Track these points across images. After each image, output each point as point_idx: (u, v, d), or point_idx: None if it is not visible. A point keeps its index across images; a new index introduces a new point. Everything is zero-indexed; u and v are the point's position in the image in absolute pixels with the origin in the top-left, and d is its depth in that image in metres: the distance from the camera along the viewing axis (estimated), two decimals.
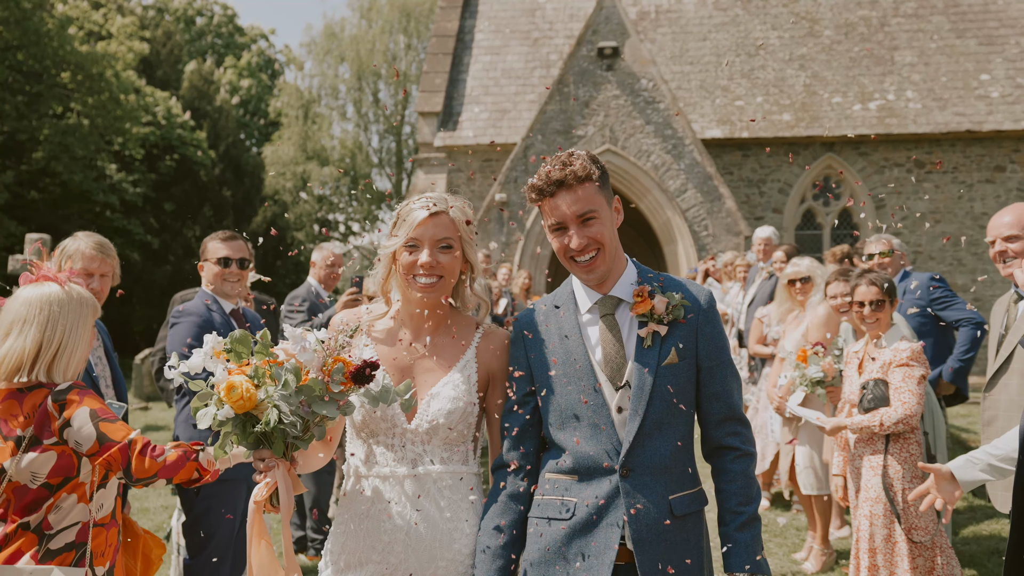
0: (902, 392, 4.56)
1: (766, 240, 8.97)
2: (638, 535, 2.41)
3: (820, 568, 6.06)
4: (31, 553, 2.85)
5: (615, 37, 15.42)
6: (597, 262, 2.53)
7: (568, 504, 2.48)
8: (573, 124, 15.46)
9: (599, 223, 2.51)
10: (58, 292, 3.00)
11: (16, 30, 19.56)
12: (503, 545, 2.50)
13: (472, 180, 17.39)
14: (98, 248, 3.89)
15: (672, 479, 2.48)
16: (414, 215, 2.57)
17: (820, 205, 17.50)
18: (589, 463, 2.48)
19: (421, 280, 2.56)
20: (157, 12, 36.09)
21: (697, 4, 19.10)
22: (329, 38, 35.81)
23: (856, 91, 17.36)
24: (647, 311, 2.51)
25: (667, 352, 2.49)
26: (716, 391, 2.54)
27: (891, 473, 4.55)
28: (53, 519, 2.89)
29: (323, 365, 2.38)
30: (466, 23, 19.22)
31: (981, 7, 18.34)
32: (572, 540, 2.46)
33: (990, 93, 17.03)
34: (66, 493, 2.92)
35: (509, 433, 2.59)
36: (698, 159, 15.23)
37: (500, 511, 2.53)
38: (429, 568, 2.51)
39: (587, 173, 2.51)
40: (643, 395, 2.46)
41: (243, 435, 2.41)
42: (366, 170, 36.03)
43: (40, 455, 2.84)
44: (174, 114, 25.30)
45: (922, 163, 17.01)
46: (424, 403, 2.57)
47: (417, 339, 2.65)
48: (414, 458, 2.55)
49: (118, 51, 22.69)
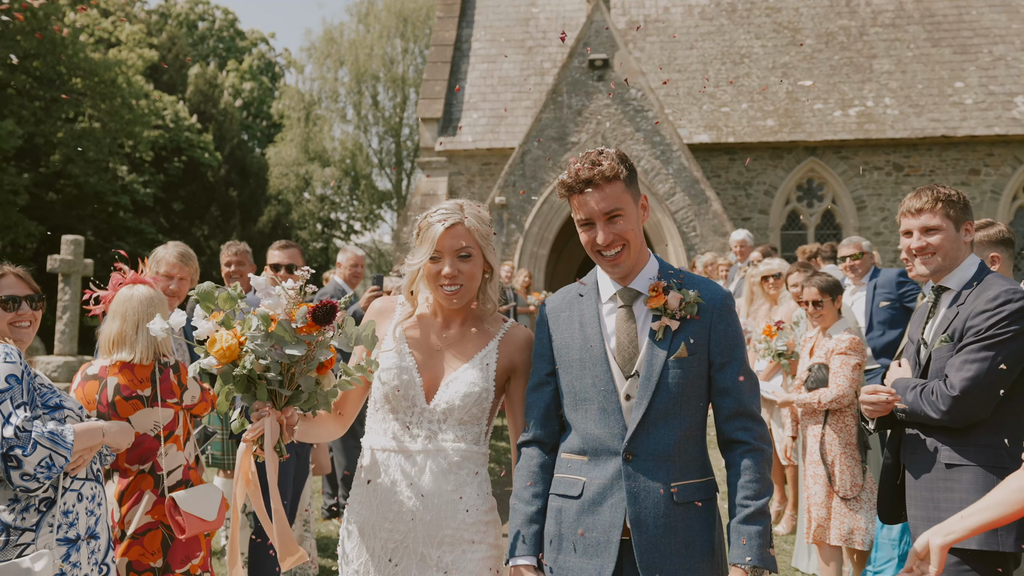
0: (838, 376, 5.34)
1: (741, 242, 9.93)
2: (636, 516, 2.52)
3: (790, 531, 6.94)
4: (151, 489, 3.80)
5: (605, 49, 16.28)
6: (622, 257, 2.63)
7: (578, 483, 2.61)
8: (567, 131, 16.31)
9: (624, 220, 2.60)
10: (142, 291, 3.90)
11: (33, 39, 20.39)
12: (538, 511, 2.65)
13: (472, 183, 18.26)
14: (179, 257, 4.82)
15: (675, 467, 2.55)
16: (433, 230, 2.71)
17: (804, 206, 18.29)
18: (597, 445, 2.59)
19: (446, 289, 2.73)
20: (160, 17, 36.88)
21: (684, 14, 19.94)
22: (328, 43, 36.57)
23: (837, 98, 18.17)
24: (660, 305, 2.60)
25: (677, 346, 2.56)
26: (726, 386, 2.60)
27: (827, 441, 5.35)
28: (164, 463, 3.82)
29: (285, 310, 2.48)
30: (463, 32, 20.03)
31: (956, 17, 19.11)
32: (582, 516, 2.58)
33: (964, 100, 17.83)
34: (169, 443, 3.84)
35: (535, 410, 2.72)
36: (685, 164, 16.07)
37: (534, 480, 2.67)
38: (436, 536, 2.68)
39: (615, 173, 2.59)
40: (650, 385, 2.55)
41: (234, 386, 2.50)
42: (366, 171, 36.88)
43: (163, 410, 3.79)
44: (181, 117, 26.12)
45: (900, 166, 17.85)
46: (443, 385, 2.75)
47: (445, 329, 2.83)
48: (428, 435, 2.72)
49: (128, 58, 23.54)
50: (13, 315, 3.25)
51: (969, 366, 3.13)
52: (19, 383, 3.03)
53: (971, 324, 3.20)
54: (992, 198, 17.60)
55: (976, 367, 3.12)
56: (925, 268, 3.38)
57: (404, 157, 37.31)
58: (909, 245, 3.41)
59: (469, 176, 18.39)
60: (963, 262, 3.37)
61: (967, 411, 3.11)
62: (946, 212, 3.32)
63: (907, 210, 3.40)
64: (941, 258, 3.34)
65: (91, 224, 22.89)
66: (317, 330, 2.47)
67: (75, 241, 11.02)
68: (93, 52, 22.21)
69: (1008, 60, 18.18)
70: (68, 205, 22.82)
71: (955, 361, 3.20)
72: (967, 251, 3.39)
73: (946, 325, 3.30)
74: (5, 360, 3.03)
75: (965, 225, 3.36)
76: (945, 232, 3.32)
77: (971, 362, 3.14)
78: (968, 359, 3.15)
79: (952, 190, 3.38)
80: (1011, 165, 17.54)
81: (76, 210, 22.75)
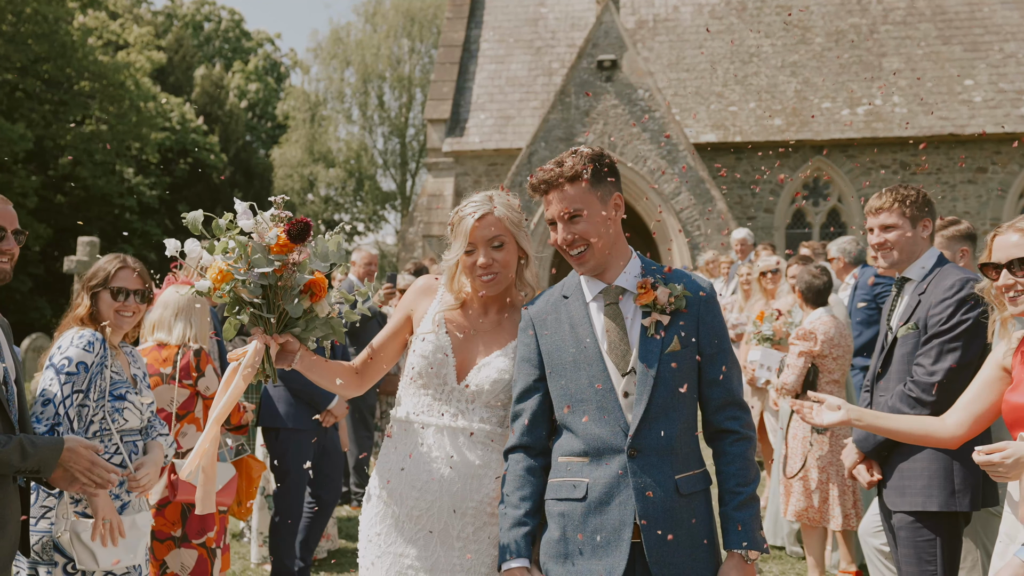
0: (789, 362, 5.60)
1: (742, 240, 10.20)
2: (646, 512, 2.52)
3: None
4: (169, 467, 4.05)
5: (614, 50, 16.27)
6: (586, 256, 2.66)
7: (581, 484, 2.60)
8: (575, 132, 16.31)
9: (584, 221, 2.63)
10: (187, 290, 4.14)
11: (44, 43, 20.45)
12: (526, 514, 2.64)
13: (479, 184, 18.25)
14: None
15: (678, 460, 2.59)
16: (465, 223, 2.78)
17: (809, 205, 18.29)
18: (599, 445, 2.59)
19: (483, 279, 2.80)
20: (166, 18, 36.97)
21: (693, 13, 19.92)
22: (335, 43, 36.60)
23: (845, 96, 18.16)
24: (650, 301, 2.62)
25: (670, 340, 2.60)
26: (715, 377, 2.63)
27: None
28: (183, 442, 4.16)
29: (263, 232, 2.58)
30: (471, 33, 20.04)
31: (967, 14, 19.06)
32: (588, 518, 2.57)
33: (973, 98, 17.79)
34: (187, 423, 4.21)
35: (524, 416, 2.71)
36: (691, 164, 16.07)
37: (520, 484, 2.67)
38: (461, 507, 2.76)
39: (576, 173, 2.62)
40: (648, 381, 2.57)
41: (227, 309, 2.66)
42: (371, 171, 36.94)
43: (179, 389, 4.17)
44: (188, 119, 26.19)
45: (907, 165, 17.82)
46: (475, 369, 2.83)
47: (483, 316, 2.91)
48: (456, 413, 2.80)
49: (136, 60, 23.60)
50: (120, 304, 3.51)
51: (947, 356, 3.47)
52: (86, 371, 3.35)
53: (933, 313, 3.54)
54: (999, 196, 17.56)
55: (953, 356, 3.46)
56: (884, 262, 3.76)
57: (409, 157, 37.38)
58: (871, 241, 3.81)
59: (476, 177, 18.39)
60: (923, 255, 3.72)
61: (952, 395, 3.28)
62: (902, 211, 3.69)
63: (868, 209, 3.79)
64: (897, 253, 3.71)
65: (97, 226, 22.96)
66: (290, 249, 2.52)
67: (91, 243, 11.37)
68: (102, 55, 22.27)
69: (1019, 57, 18.12)
70: (75, 207, 22.91)
71: (931, 352, 3.52)
72: (926, 245, 3.74)
73: (910, 313, 3.64)
74: (84, 348, 3.36)
75: (923, 222, 3.71)
76: (901, 229, 3.69)
77: (947, 352, 3.48)
78: (944, 349, 3.49)
79: (912, 189, 3.74)
80: (1019, 163, 17.50)
81: (83, 212, 22.84)
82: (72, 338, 3.40)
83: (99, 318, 3.50)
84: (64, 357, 3.34)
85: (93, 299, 3.50)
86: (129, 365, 3.64)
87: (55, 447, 2.94)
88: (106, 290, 3.49)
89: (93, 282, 3.51)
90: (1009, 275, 2.81)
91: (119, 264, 3.55)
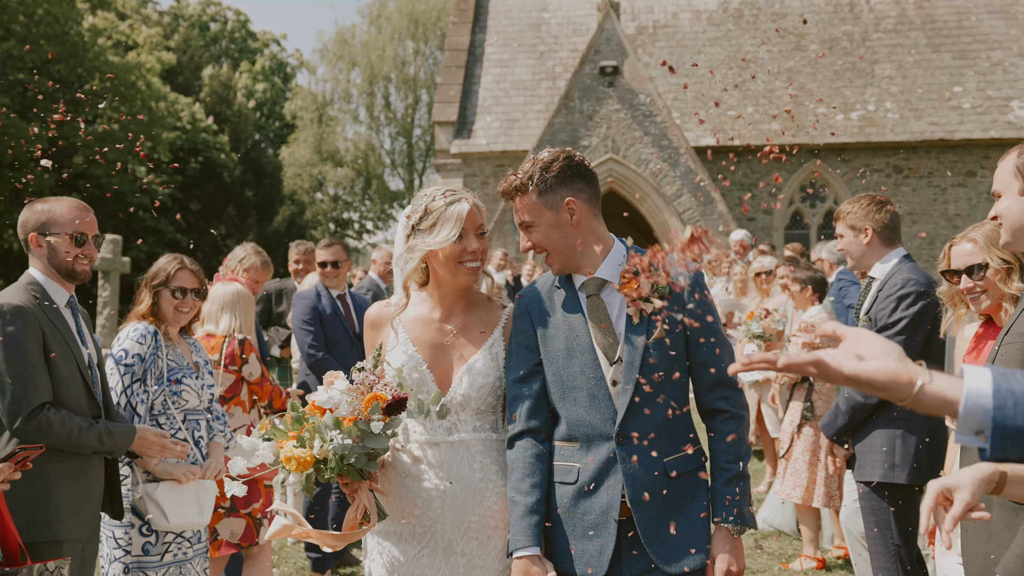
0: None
1: (739, 241, 10.64)
2: (635, 496, 2.57)
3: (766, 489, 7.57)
4: None
5: (615, 56, 16.86)
6: (550, 260, 2.73)
7: (573, 469, 2.65)
8: (579, 135, 16.89)
9: (535, 230, 2.68)
10: (235, 286, 4.84)
11: (56, 44, 21.01)
12: (537, 502, 2.64)
13: (486, 184, 18.82)
14: (264, 263, 5.77)
15: (667, 443, 2.62)
16: (458, 208, 2.71)
17: (807, 207, 18.85)
18: (589, 431, 2.64)
19: (469, 265, 2.74)
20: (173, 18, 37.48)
21: (692, 20, 20.48)
22: (341, 44, 37.16)
23: (839, 102, 18.70)
24: (633, 290, 2.63)
25: (654, 328, 2.61)
26: (705, 359, 2.65)
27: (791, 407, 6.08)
28: (230, 422, 4.56)
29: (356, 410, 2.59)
30: (476, 37, 20.59)
31: (956, 23, 19.63)
32: (579, 501, 2.63)
33: (962, 104, 18.35)
34: (234, 405, 4.69)
35: (526, 400, 2.71)
36: (692, 167, 16.63)
37: (529, 471, 2.66)
38: (463, 523, 2.71)
39: (521, 184, 2.65)
40: (633, 369, 2.59)
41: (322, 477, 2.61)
42: (379, 171, 37.49)
43: (225, 373, 4.66)
44: (198, 119, 26.72)
45: (899, 168, 18.38)
46: (457, 378, 2.76)
47: (446, 321, 2.82)
48: (450, 427, 2.75)
49: (147, 61, 24.16)
50: (179, 302, 3.88)
51: None
52: (141, 361, 3.76)
53: (878, 308, 3.94)
54: (988, 199, 18.05)
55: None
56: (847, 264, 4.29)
57: (416, 157, 37.92)
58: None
59: (483, 177, 18.94)
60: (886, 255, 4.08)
61: None
62: (846, 223, 4.12)
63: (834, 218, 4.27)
64: (849, 257, 4.19)
65: (110, 225, 23.49)
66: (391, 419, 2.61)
67: (114, 240, 11.68)
68: (113, 56, 22.82)
69: (1006, 65, 18.69)
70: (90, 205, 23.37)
71: None
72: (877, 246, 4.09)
73: (868, 307, 4.05)
74: (137, 340, 3.78)
75: (863, 230, 4.10)
76: (845, 238, 4.16)
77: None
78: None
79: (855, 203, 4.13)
80: None
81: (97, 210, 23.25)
82: (128, 331, 3.82)
83: (159, 314, 3.87)
84: (121, 349, 3.76)
85: (155, 296, 3.87)
86: (191, 353, 4.01)
87: (128, 435, 3.42)
88: (167, 289, 3.86)
89: (155, 281, 3.88)
90: (968, 280, 3.26)
91: (178, 265, 3.91)
